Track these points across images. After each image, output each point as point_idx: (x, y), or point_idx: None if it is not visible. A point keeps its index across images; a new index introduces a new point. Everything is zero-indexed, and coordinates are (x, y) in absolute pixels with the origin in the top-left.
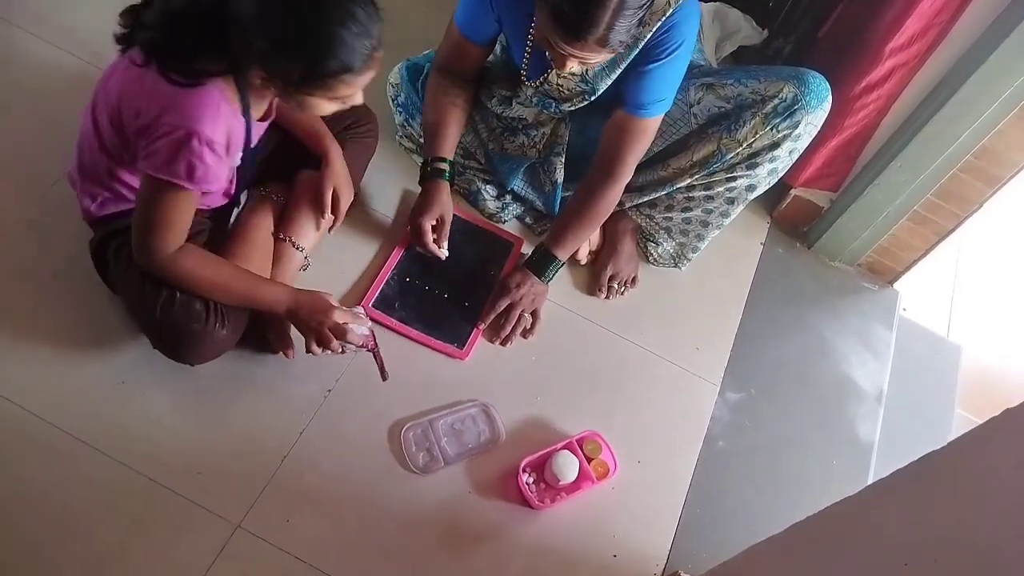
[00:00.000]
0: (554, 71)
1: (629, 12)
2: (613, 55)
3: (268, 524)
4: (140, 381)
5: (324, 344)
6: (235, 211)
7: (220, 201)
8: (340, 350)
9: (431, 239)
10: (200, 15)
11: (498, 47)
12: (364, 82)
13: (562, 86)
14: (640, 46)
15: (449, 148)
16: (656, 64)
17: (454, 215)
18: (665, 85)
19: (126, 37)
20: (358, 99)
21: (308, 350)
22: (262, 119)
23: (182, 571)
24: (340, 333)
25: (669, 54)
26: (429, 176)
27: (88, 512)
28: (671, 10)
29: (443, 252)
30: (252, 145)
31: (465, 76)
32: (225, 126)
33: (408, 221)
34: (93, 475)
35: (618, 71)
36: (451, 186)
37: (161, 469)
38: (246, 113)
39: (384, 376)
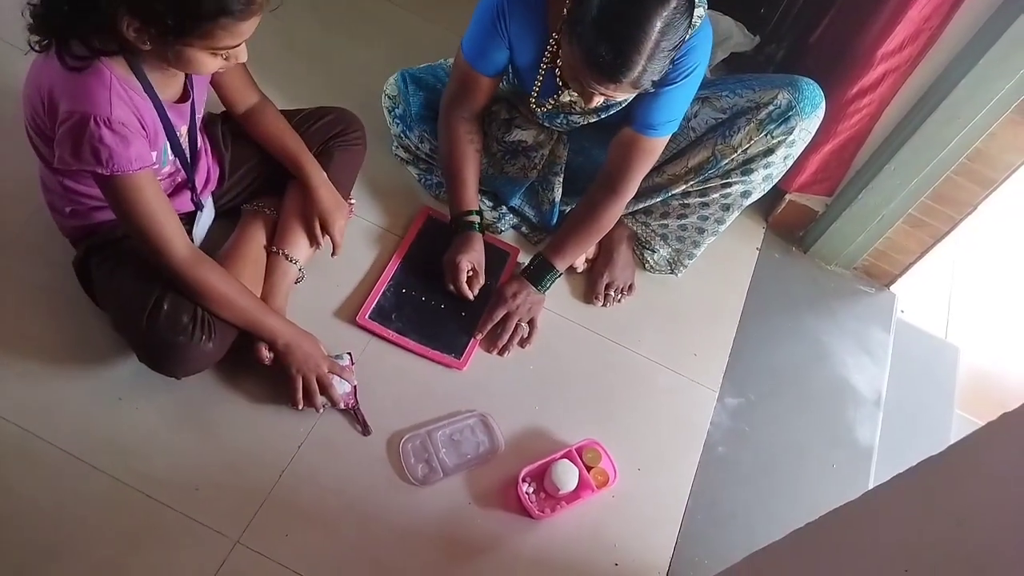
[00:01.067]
0: (566, 92)
1: (663, 55)
2: (637, 92)
3: (267, 539)
4: (136, 397)
5: (308, 392)
6: (200, 215)
7: (188, 206)
8: (320, 409)
9: (464, 278)
10: None
11: None
12: (247, 31)
13: (574, 103)
14: None
15: (473, 198)
16: (671, 87)
17: (445, 224)
18: (677, 107)
19: (29, 27)
20: (242, 55)
21: (293, 402)
22: (180, 100)
23: None
24: (324, 386)
25: (684, 77)
26: (461, 229)
27: (83, 529)
28: (688, 35)
29: (471, 295)
30: (176, 129)
31: (477, 110)
32: (126, 105)
33: (444, 260)
34: (88, 492)
35: (633, 93)
36: (482, 235)
37: (158, 485)
38: (149, 91)
39: (367, 431)
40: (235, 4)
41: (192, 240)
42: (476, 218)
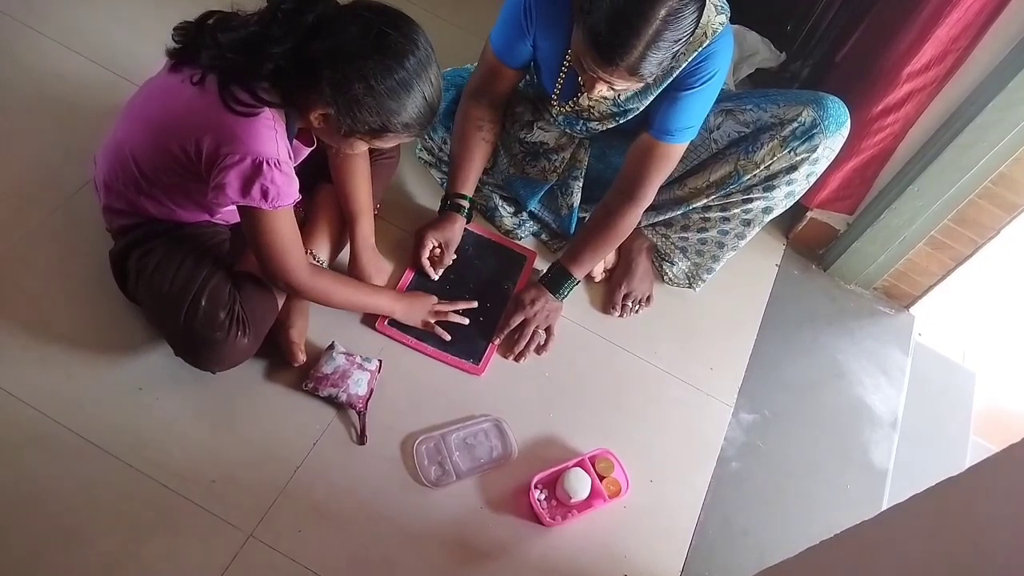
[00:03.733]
0: (585, 95)
1: (664, 45)
2: (643, 84)
3: (280, 534)
4: (157, 388)
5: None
6: None
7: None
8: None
9: (427, 254)
10: (294, 47)
11: None
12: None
13: (593, 108)
14: (675, 74)
15: (471, 185)
16: (689, 92)
17: (467, 229)
18: (695, 113)
19: (180, 52)
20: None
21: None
22: (301, 140)
23: None
24: (441, 318)
25: (703, 83)
26: (447, 208)
27: (98, 516)
28: (708, 41)
29: (434, 273)
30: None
31: (497, 101)
32: (285, 144)
33: (414, 232)
34: (105, 479)
35: (651, 96)
36: (468, 222)
37: (174, 476)
38: (290, 135)
39: (362, 440)
40: (421, 125)
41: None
42: (465, 203)
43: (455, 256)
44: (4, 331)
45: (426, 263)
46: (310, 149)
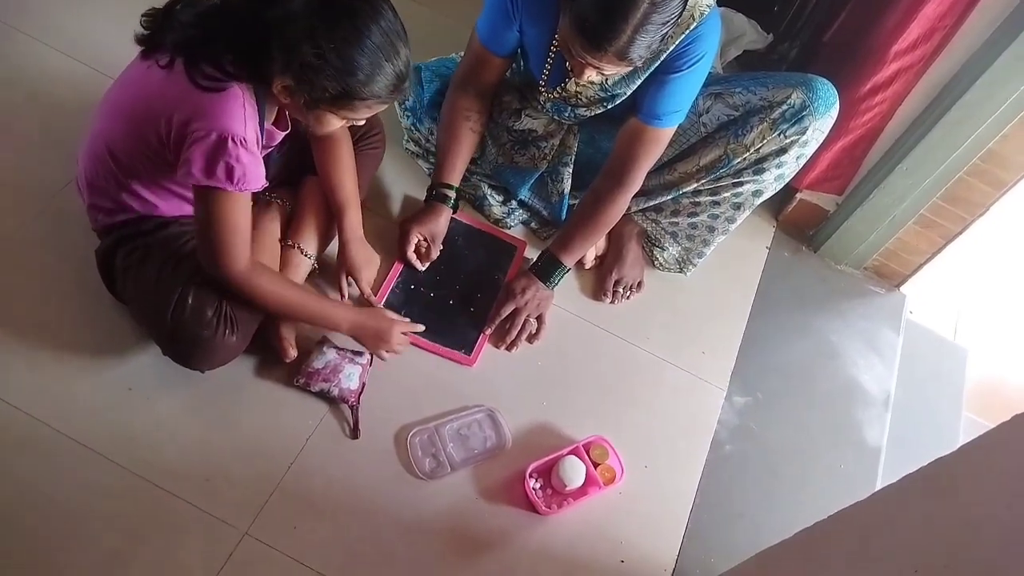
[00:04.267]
0: (573, 80)
1: (652, 28)
2: (632, 68)
3: (275, 531)
4: (146, 388)
5: (392, 351)
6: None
7: None
8: (398, 353)
9: (411, 248)
10: (247, 16)
11: None
12: (382, 108)
13: (580, 94)
14: (663, 57)
15: (457, 175)
16: (677, 75)
17: (456, 219)
18: (683, 96)
19: (148, 38)
20: (362, 120)
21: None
22: (276, 125)
23: None
24: (401, 348)
25: (691, 66)
26: (433, 199)
27: (93, 518)
28: (695, 23)
29: (418, 264)
30: (269, 150)
31: (485, 90)
32: (253, 126)
33: (399, 225)
34: (98, 481)
35: (638, 81)
36: (454, 212)
37: (167, 475)
38: (261, 118)
39: (356, 435)
40: (388, 91)
41: None
42: (451, 192)
43: (442, 247)
44: None
45: (412, 256)
46: (284, 132)
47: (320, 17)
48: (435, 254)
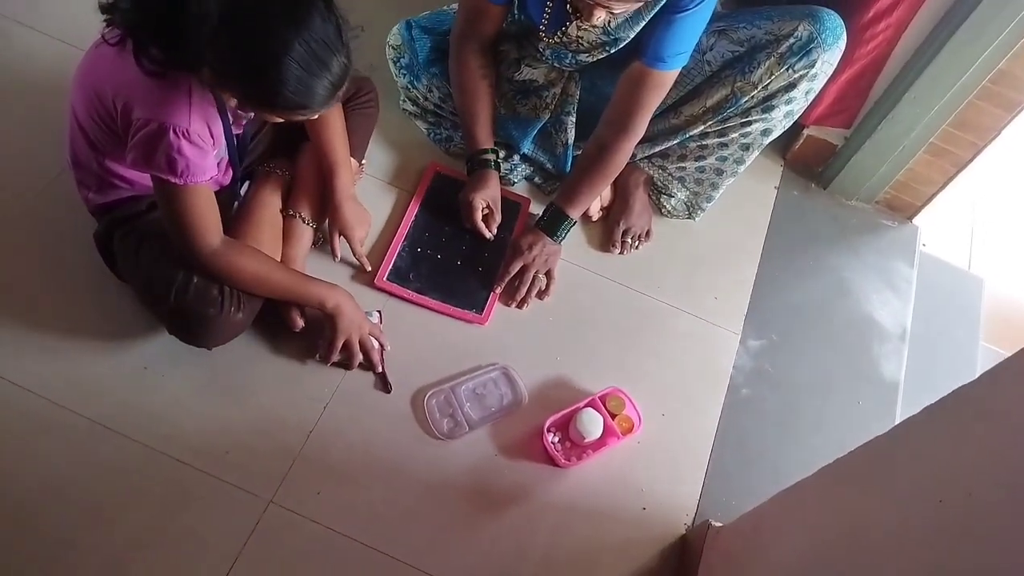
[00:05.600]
0: (574, 24)
1: None
2: (640, 4)
3: (299, 498)
4: (162, 365)
5: (350, 353)
6: (235, 203)
7: (214, 187)
8: (354, 367)
9: (479, 217)
10: (168, 6)
11: None
12: (324, 111)
13: (582, 38)
14: None
15: (490, 137)
16: (682, 14)
17: (457, 179)
18: (687, 38)
19: (108, 7)
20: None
21: (326, 359)
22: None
23: (220, 548)
24: (366, 350)
25: (696, 4)
26: (476, 167)
27: (117, 496)
28: None
29: (489, 233)
30: (241, 138)
31: (487, 42)
32: (201, 117)
33: (459, 199)
34: (119, 460)
35: (643, 22)
36: (499, 173)
37: (188, 450)
38: (222, 109)
39: (388, 389)
40: (315, 103)
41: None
42: (492, 156)
43: (445, 209)
44: (3, 321)
45: (481, 226)
46: (251, 114)
47: (235, 26)
48: (498, 217)
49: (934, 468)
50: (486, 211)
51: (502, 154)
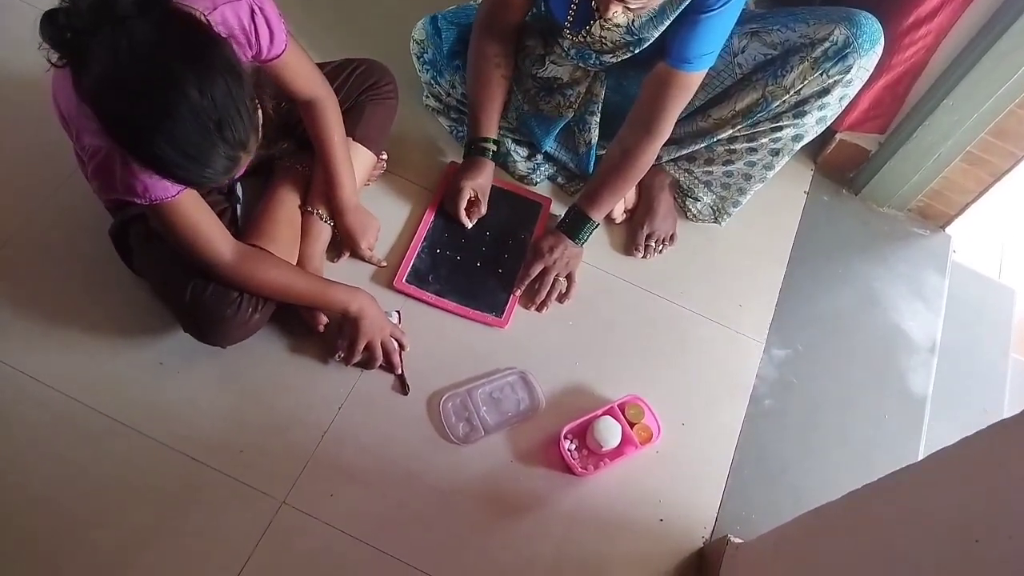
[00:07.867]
0: (598, 22)
1: None
2: (660, 1)
3: (312, 499)
4: (176, 362)
5: (371, 356)
6: (236, 205)
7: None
8: (374, 367)
9: (464, 204)
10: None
11: None
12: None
13: (605, 38)
14: None
15: (494, 127)
16: (708, 14)
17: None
18: (714, 38)
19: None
20: None
21: (348, 360)
22: None
23: (231, 547)
24: (388, 352)
25: (722, 4)
26: (472, 153)
27: (131, 492)
28: None
29: (468, 222)
30: None
31: (509, 33)
32: None
33: (448, 182)
34: (133, 456)
35: (667, 21)
36: (495, 164)
37: (202, 448)
38: None
39: (406, 391)
40: (210, 180)
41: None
42: (491, 145)
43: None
44: (21, 316)
45: (462, 212)
46: None
47: (121, 90)
48: (484, 209)
49: (970, 505)
50: (473, 198)
51: (523, 153)
